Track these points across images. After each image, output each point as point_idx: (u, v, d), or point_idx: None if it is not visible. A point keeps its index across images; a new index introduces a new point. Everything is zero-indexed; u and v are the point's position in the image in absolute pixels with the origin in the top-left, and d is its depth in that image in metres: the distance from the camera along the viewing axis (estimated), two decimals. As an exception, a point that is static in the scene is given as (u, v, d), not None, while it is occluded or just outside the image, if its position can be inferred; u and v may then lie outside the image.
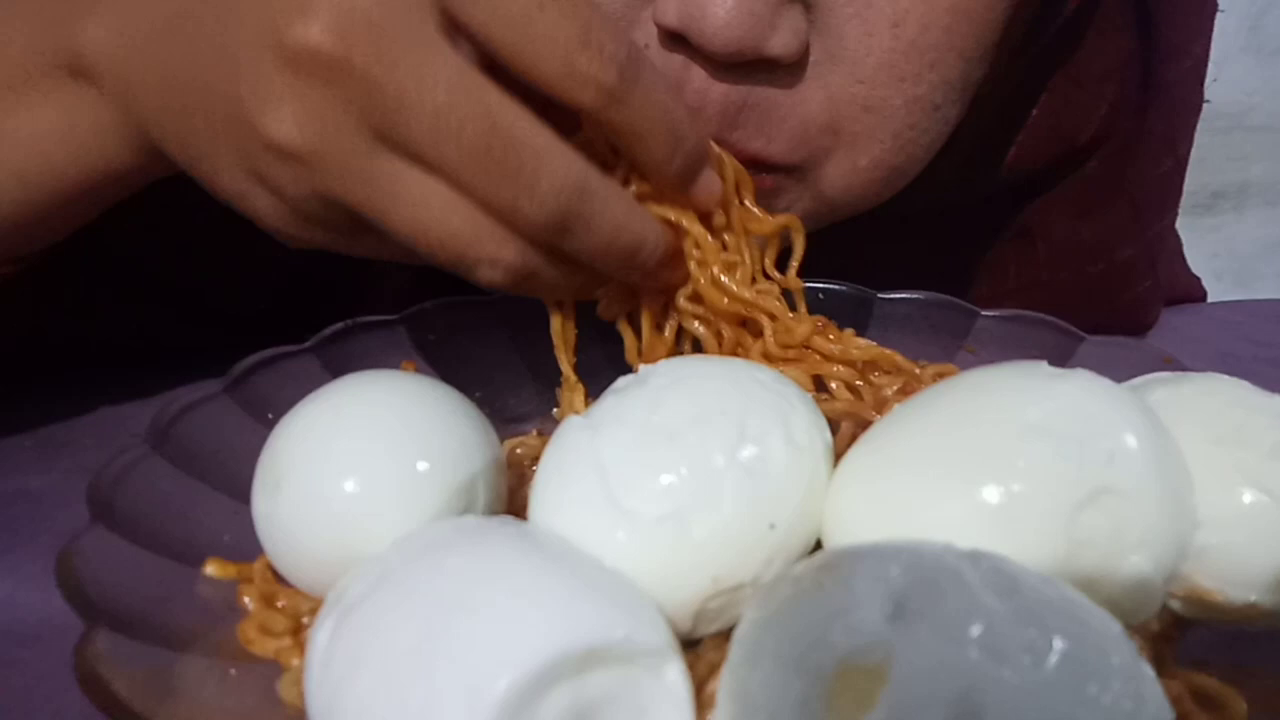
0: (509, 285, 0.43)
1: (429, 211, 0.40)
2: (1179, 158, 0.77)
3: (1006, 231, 0.77)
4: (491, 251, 0.41)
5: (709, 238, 0.48)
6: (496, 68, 0.40)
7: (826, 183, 0.54)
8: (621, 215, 0.42)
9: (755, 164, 0.51)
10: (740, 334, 0.50)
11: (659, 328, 0.50)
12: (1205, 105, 0.79)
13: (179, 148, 0.44)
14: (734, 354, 0.49)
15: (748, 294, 0.48)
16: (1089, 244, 0.77)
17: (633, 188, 0.46)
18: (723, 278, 0.48)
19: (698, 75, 0.48)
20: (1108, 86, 0.71)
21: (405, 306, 0.58)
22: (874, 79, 0.50)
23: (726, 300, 0.48)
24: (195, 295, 0.70)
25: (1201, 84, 0.76)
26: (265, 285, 0.69)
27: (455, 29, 0.39)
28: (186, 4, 0.42)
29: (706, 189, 0.47)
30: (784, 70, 0.49)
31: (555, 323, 0.50)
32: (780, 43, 0.47)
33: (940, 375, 0.51)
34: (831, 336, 0.50)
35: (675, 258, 0.47)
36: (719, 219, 0.49)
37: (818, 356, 0.49)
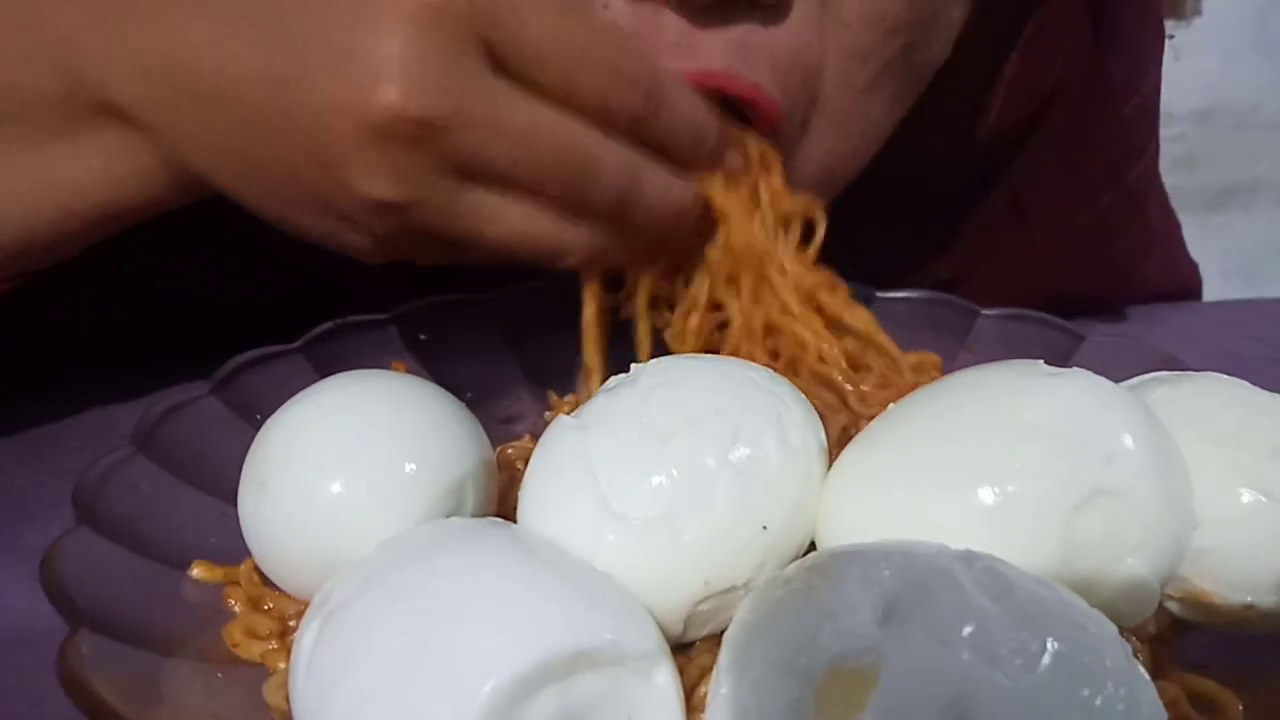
0: (585, 265, 0.49)
1: (514, 224, 0.45)
2: (1143, 96, 0.77)
3: (995, 202, 0.77)
4: (570, 241, 0.46)
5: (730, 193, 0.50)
6: None
7: (806, 155, 0.53)
8: (665, 186, 0.47)
9: (749, 108, 0.51)
10: (759, 282, 0.51)
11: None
12: (1213, 104, 0.79)
13: (255, 202, 0.46)
14: (756, 298, 0.51)
15: (765, 240, 0.51)
16: (1072, 198, 0.77)
17: None
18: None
19: (671, 24, 0.47)
20: (1066, 36, 0.71)
21: (396, 303, 0.57)
22: (859, 23, 0.49)
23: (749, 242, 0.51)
24: (188, 294, 0.69)
25: (1159, 18, 0.76)
26: (260, 284, 0.69)
27: (497, 63, 0.42)
28: (219, 65, 0.43)
29: (730, 164, 0.50)
30: (770, 15, 0.48)
31: (588, 311, 0.51)
32: None
33: (919, 365, 0.52)
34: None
35: (704, 220, 0.51)
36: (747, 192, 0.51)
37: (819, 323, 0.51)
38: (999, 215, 0.77)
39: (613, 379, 0.40)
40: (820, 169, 0.54)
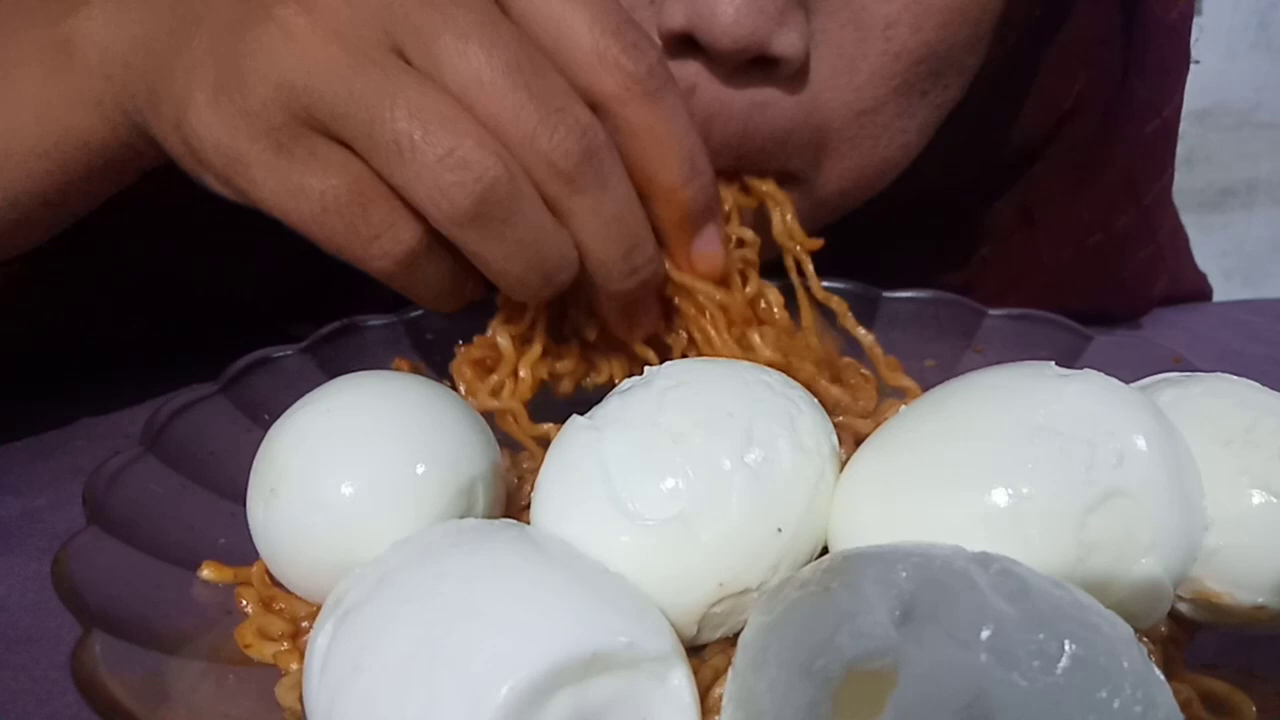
0: (473, 202, 0.39)
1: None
2: (1165, 119, 0.77)
3: (1007, 215, 0.77)
4: (467, 145, 0.39)
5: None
6: None
7: (821, 186, 0.54)
8: (543, 228, 0.41)
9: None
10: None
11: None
12: (1213, 103, 0.79)
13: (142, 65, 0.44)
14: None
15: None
16: (1086, 217, 0.77)
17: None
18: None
19: (709, 82, 0.48)
20: (1089, 53, 0.71)
21: (401, 304, 0.57)
22: (868, 84, 0.50)
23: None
24: (190, 290, 0.69)
25: (1186, 43, 0.76)
26: (266, 285, 0.69)
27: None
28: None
29: (710, 248, 0.47)
30: (785, 79, 0.49)
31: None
32: (787, 41, 0.47)
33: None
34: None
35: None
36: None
37: None
38: (1011, 228, 0.77)
39: (626, 380, 0.40)
40: (833, 196, 0.55)
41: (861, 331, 0.53)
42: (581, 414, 0.39)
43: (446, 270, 0.42)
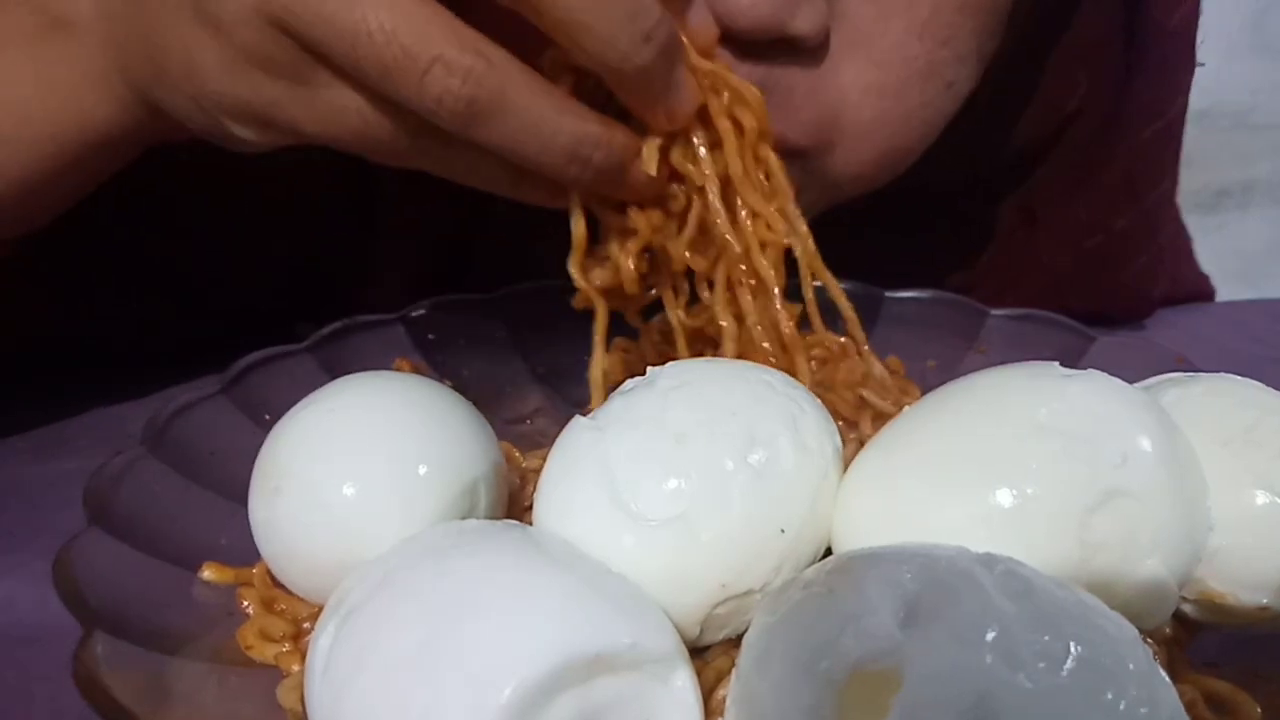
0: (465, 106, 0.40)
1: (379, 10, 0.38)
2: (1169, 121, 0.77)
3: (1010, 216, 0.77)
4: (449, 52, 0.39)
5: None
6: None
7: (835, 169, 0.53)
8: (547, 106, 0.41)
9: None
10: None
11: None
12: (1210, 104, 0.78)
13: (136, 33, 0.44)
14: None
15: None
16: (1086, 219, 0.77)
17: None
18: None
19: (723, 57, 0.48)
20: (1091, 56, 0.71)
21: (403, 306, 0.57)
22: (888, 62, 0.50)
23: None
24: (194, 291, 0.69)
25: (1192, 46, 0.76)
26: (268, 284, 0.69)
27: None
28: None
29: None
30: (803, 56, 0.49)
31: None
32: (805, 21, 0.46)
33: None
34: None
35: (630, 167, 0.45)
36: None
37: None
38: (1013, 229, 0.77)
39: (629, 381, 0.40)
40: (846, 180, 0.54)
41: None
42: (583, 414, 0.39)
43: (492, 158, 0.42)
